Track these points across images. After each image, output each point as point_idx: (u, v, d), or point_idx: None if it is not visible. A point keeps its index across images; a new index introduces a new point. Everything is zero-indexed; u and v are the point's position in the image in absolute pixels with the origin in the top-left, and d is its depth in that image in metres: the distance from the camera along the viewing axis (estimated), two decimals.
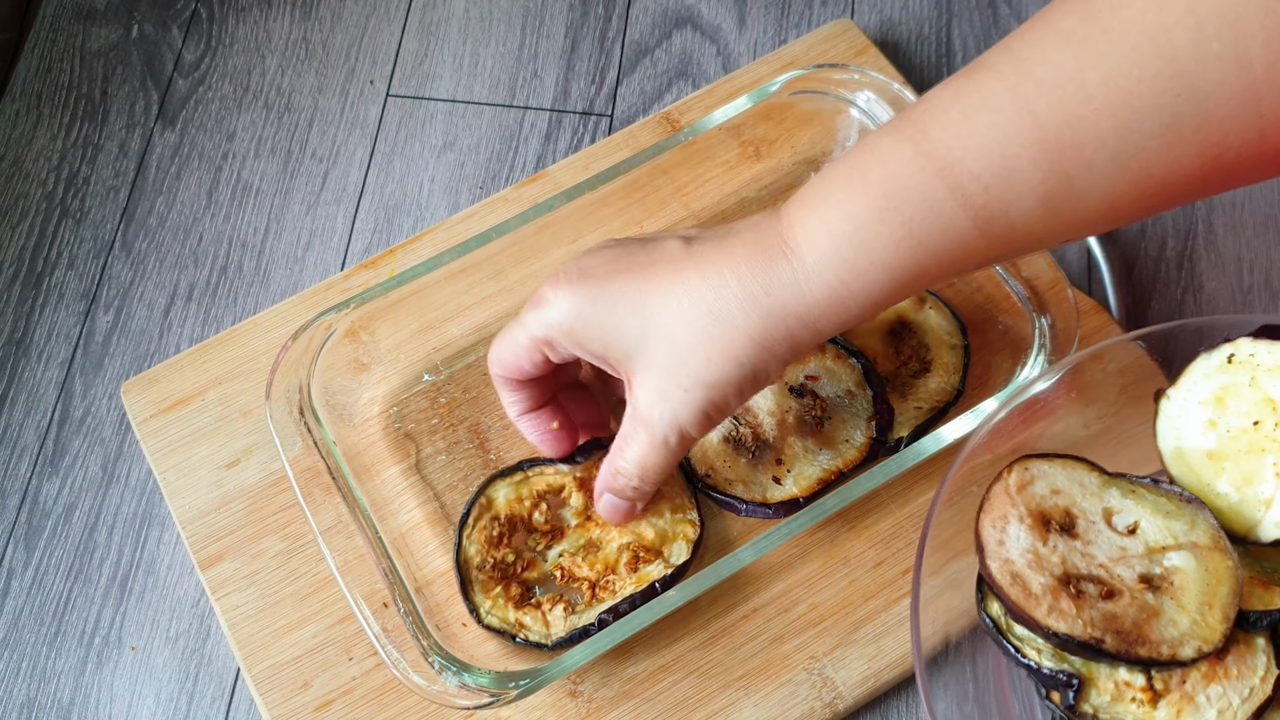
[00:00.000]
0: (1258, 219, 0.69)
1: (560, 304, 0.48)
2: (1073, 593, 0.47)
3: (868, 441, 0.57)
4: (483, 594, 0.55)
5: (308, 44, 0.78)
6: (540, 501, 0.57)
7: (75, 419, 0.66)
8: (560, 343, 0.49)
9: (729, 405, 0.47)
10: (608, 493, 0.53)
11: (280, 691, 0.56)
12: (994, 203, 0.41)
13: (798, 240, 0.44)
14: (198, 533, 0.59)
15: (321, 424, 0.56)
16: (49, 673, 0.60)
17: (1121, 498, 0.50)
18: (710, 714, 0.55)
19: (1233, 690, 0.47)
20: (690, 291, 0.46)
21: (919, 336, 0.60)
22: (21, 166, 0.74)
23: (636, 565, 0.55)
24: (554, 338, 0.49)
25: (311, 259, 0.71)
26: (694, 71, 0.76)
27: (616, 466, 0.51)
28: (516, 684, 0.49)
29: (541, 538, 0.56)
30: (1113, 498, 0.50)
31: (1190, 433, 0.50)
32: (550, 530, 0.56)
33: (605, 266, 0.48)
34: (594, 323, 0.48)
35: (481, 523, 0.56)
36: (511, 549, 0.56)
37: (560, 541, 0.56)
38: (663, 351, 0.46)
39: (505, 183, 0.73)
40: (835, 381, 0.58)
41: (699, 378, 0.46)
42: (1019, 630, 0.49)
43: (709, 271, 0.46)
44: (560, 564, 0.56)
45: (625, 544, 0.55)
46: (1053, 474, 0.50)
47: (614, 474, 0.51)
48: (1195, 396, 0.51)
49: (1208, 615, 0.46)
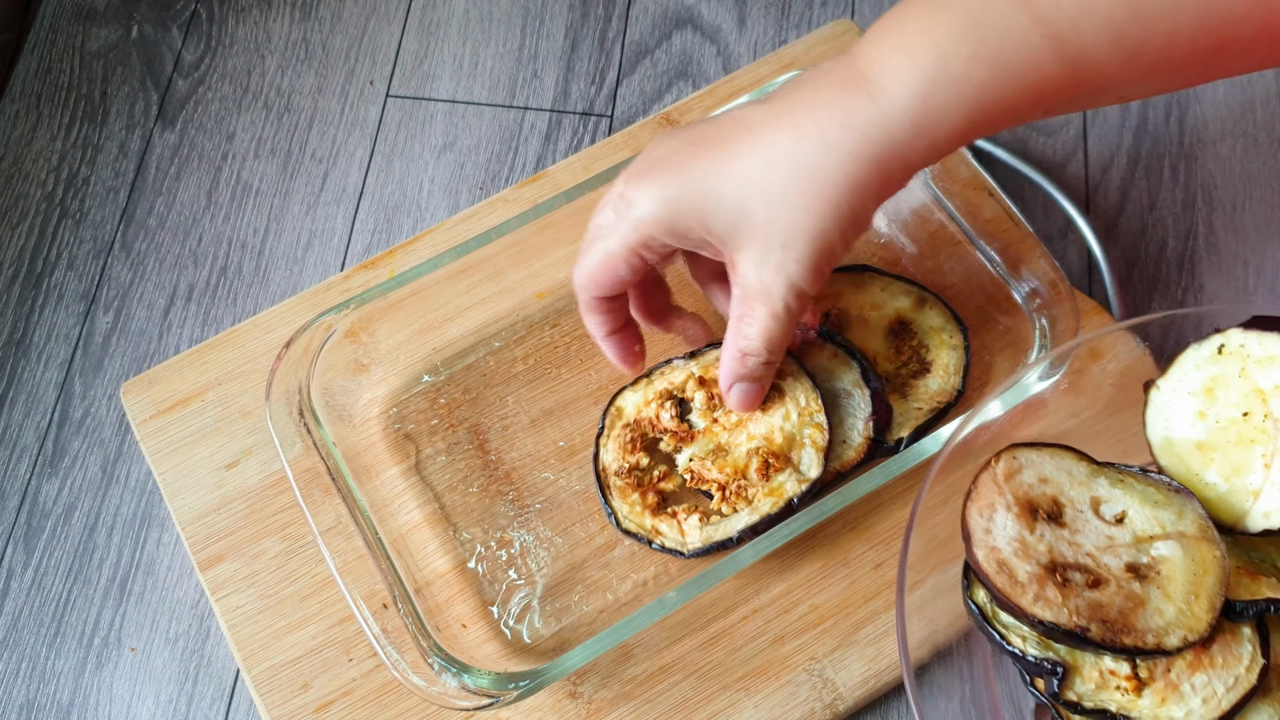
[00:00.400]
0: (1258, 219, 0.69)
1: (648, 199, 0.47)
2: (1059, 581, 0.47)
3: (865, 441, 0.57)
4: (620, 499, 0.56)
5: (307, 44, 0.78)
6: (666, 400, 0.58)
7: (75, 420, 0.66)
8: (657, 238, 0.48)
9: (836, 253, 0.47)
10: (737, 382, 0.52)
11: (280, 692, 0.56)
12: (1067, 24, 0.42)
13: (877, 72, 0.44)
14: (197, 533, 0.59)
15: (321, 425, 0.56)
16: (48, 674, 0.60)
17: (1110, 487, 0.50)
18: (710, 715, 0.55)
19: (1217, 679, 0.47)
20: (774, 149, 0.45)
21: (919, 337, 0.60)
22: (21, 167, 0.74)
23: (768, 472, 0.55)
24: (650, 234, 0.48)
25: (311, 260, 0.71)
26: (694, 72, 0.76)
27: (740, 348, 0.50)
28: (516, 685, 0.49)
29: (672, 438, 0.57)
30: (1101, 487, 0.50)
31: (1179, 423, 0.51)
32: (679, 435, 0.57)
33: (681, 151, 0.47)
34: (687, 208, 0.46)
35: (615, 430, 0.58)
36: (645, 452, 0.57)
37: (690, 445, 0.57)
38: (760, 218, 0.45)
39: (505, 183, 0.73)
40: (833, 380, 0.58)
41: (801, 233, 0.45)
42: (1004, 618, 0.49)
43: (788, 125, 0.45)
44: (690, 467, 0.57)
45: (754, 449, 0.56)
46: (1040, 463, 0.50)
47: (740, 357, 0.50)
48: (1185, 387, 0.51)
49: (1194, 605, 0.46)
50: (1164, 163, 0.71)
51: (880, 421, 0.57)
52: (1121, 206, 0.70)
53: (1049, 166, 0.71)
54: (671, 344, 0.62)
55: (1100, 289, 0.67)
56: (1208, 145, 0.71)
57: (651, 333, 0.58)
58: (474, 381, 0.62)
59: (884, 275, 0.61)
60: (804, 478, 0.55)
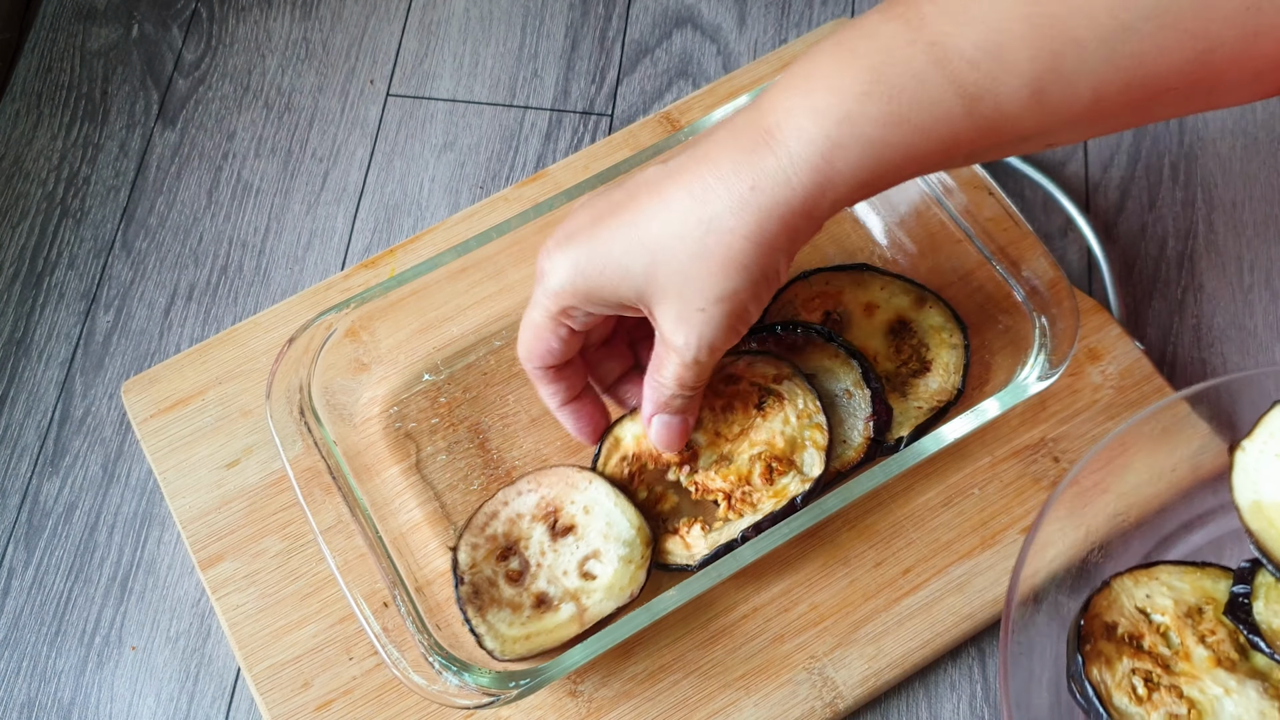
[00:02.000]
0: (1258, 218, 0.69)
1: (559, 269, 0.48)
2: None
3: (865, 441, 0.57)
4: None
5: (308, 44, 0.78)
6: None
7: (75, 419, 0.66)
8: (575, 305, 0.49)
9: (749, 312, 0.47)
10: (658, 415, 0.53)
11: (280, 691, 0.56)
12: (983, 81, 0.41)
13: (780, 125, 0.43)
14: (198, 532, 0.59)
15: (322, 424, 0.56)
16: (49, 672, 0.60)
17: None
18: (710, 714, 0.55)
19: None
20: (678, 209, 0.45)
21: (919, 336, 0.60)
22: (22, 166, 0.74)
23: (771, 476, 0.55)
24: (567, 303, 0.49)
25: (311, 259, 0.71)
26: (694, 71, 0.76)
27: (657, 381, 0.51)
28: (516, 683, 0.49)
29: (678, 469, 0.57)
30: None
31: (1270, 486, 0.49)
32: (682, 458, 0.57)
33: (589, 219, 0.48)
34: (596, 274, 0.47)
35: (612, 461, 0.57)
36: (644, 485, 0.57)
37: (695, 464, 0.57)
38: (671, 279, 0.45)
39: (505, 182, 0.73)
40: (833, 380, 0.58)
41: (711, 295, 0.45)
42: (1119, 703, 0.49)
43: (693, 184, 0.44)
44: (695, 480, 0.57)
45: (756, 454, 0.56)
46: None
47: (658, 388, 0.51)
48: (1273, 449, 0.49)
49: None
50: (1164, 162, 0.71)
51: (880, 422, 0.57)
52: (1121, 205, 0.70)
53: (1049, 165, 0.71)
54: None
55: (1100, 288, 0.67)
56: (1207, 144, 0.71)
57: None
58: (474, 380, 0.62)
59: (884, 274, 0.61)
60: (807, 477, 0.55)
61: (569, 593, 0.54)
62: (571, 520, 0.55)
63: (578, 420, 0.56)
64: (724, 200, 0.44)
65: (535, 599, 0.54)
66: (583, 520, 0.55)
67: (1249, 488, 0.50)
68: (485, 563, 0.55)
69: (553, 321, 0.50)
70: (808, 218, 0.44)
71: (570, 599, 0.54)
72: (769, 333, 0.59)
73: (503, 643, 0.53)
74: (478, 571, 0.55)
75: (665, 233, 0.45)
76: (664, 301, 0.46)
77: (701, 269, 0.45)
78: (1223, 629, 0.51)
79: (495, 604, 0.54)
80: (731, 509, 0.55)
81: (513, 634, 0.53)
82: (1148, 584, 0.53)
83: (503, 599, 0.54)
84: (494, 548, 0.55)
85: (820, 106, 0.42)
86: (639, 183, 0.47)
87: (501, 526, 0.56)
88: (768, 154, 0.43)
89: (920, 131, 0.42)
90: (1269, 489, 0.49)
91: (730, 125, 0.45)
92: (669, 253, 0.45)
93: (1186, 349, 0.66)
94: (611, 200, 0.48)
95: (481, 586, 0.54)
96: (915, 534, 0.58)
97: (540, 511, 0.56)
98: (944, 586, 0.57)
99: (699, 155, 0.45)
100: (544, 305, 0.49)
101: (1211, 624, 0.51)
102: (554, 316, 0.50)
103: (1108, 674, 0.50)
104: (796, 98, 0.43)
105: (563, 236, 0.48)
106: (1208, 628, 0.51)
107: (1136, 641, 0.51)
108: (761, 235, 0.44)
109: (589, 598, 0.54)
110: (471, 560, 0.55)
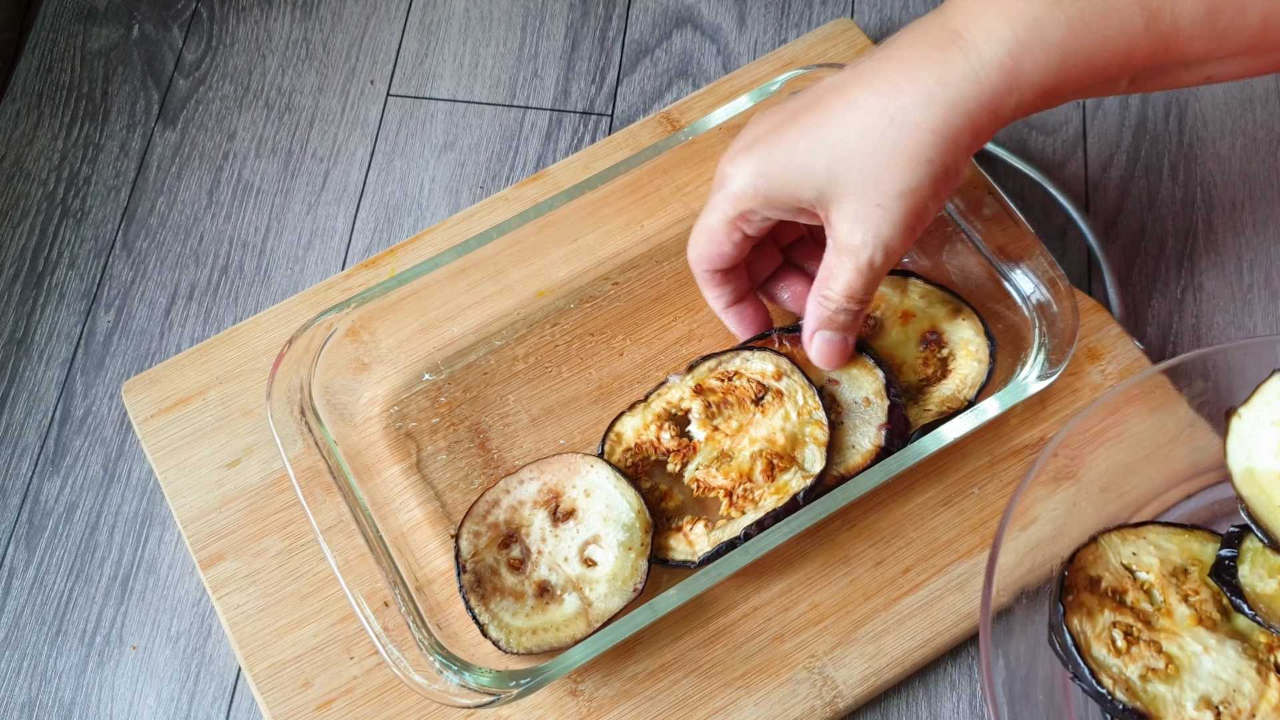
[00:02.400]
0: (1257, 218, 0.69)
1: (742, 172, 0.48)
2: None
3: (875, 449, 0.56)
4: None
5: (308, 44, 0.78)
6: (665, 421, 0.58)
7: (76, 418, 0.66)
8: (754, 209, 0.49)
9: (928, 210, 0.47)
10: (820, 331, 0.53)
11: (281, 691, 0.56)
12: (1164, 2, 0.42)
13: (969, 28, 0.44)
14: (199, 532, 0.59)
15: (322, 423, 0.56)
16: (50, 672, 0.60)
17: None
18: (711, 713, 0.55)
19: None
20: (865, 107, 0.45)
21: (949, 348, 0.60)
22: (22, 166, 0.74)
23: (773, 473, 0.55)
24: (747, 206, 0.49)
25: (312, 259, 0.71)
26: (694, 71, 0.76)
27: (824, 294, 0.51)
28: (517, 683, 0.49)
29: (676, 458, 0.57)
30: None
31: (1263, 453, 0.50)
32: (682, 451, 0.57)
33: (777, 126, 0.48)
34: (778, 175, 0.47)
35: (615, 456, 0.58)
36: (648, 478, 0.57)
37: (694, 457, 0.57)
38: (852, 175, 0.46)
39: (506, 182, 0.73)
40: (855, 387, 0.58)
41: (893, 189, 0.46)
42: (1097, 653, 0.49)
43: (879, 83, 0.45)
44: (696, 476, 0.57)
45: (757, 451, 0.56)
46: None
47: (823, 302, 0.51)
48: (1269, 417, 0.50)
49: None
50: (1163, 161, 0.71)
51: (893, 433, 0.56)
52: (1121, 205, 0.70)
53: (1049, 165, 0.71)
54: (667, 364, 0.62)
55: (1100, 287, 0.67)
56: (1207, 144, 0.71)
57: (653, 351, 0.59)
58: (475, 380, 0.62)
59: (927, 283, 0.61)
60: (808, 473, 0.55)
61: (570, 581, 0.54)
62: (572, 504, 0.56)
63: (741, 320, 0.57)
64: (911, 95, 0.44)
65: (537, 587, 0.54)
66: (583, 504, 0.55)
67: (1243, 454, 0.50)
68: (487, 550, 0.55)
69: (729, 225, 0.50)
70: (992, 115, 0.45)
71: (573, 589, 0.54)
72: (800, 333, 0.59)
73: (508, 633, 0.53)
74: (480, 560, 0.55)
75: (850, 130, 0.46)
76: (844, 199, 0.47)
77: (885, 162, 0.45)
78: (1206, 590, 0.51)
79: (498, 592, 0.54)
80: (734, 506, 0.55)
81: (518, 625, 0.53)
82: (1135, 542, 0.53)
83: (505, 587, 0.54)
84: (495, 535, 0.55)
85: (1011, 12, 0.44)
86: (824, 87, 0.48)
87: (503, 514, 0.56)
88: (956, 52, 0.44)
89: (1104, 41, 0.43)
90: (1262, 456, 0.50)
91: (915, 28, 0.46)
92: (852, 149, 0.45)
93: (1186, 348, 0.66)
94: (795, 106, 0.48)
95: (484, 575, 0.54)
96: (915, 533, 0.58)
97: (541, 498, 0.56)
98: (944, 585, 0.57)
99: (885, 55, 0.46)
100: (723, 209, 0.50)
101: (1195, 584, 0.52)
102: (732, 220, 0.50)
103: (1088, 625, 0.50)
104: (987, 3, 0.45)
105: (744, 144, 0.49)
106: (1191, 588, 0.51)
107: (1119, 596, 0.51)
108: (947, 129, 0.45)
109: (592, 590, 0.54)
110: (473, 548, 0.55)
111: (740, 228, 0.50)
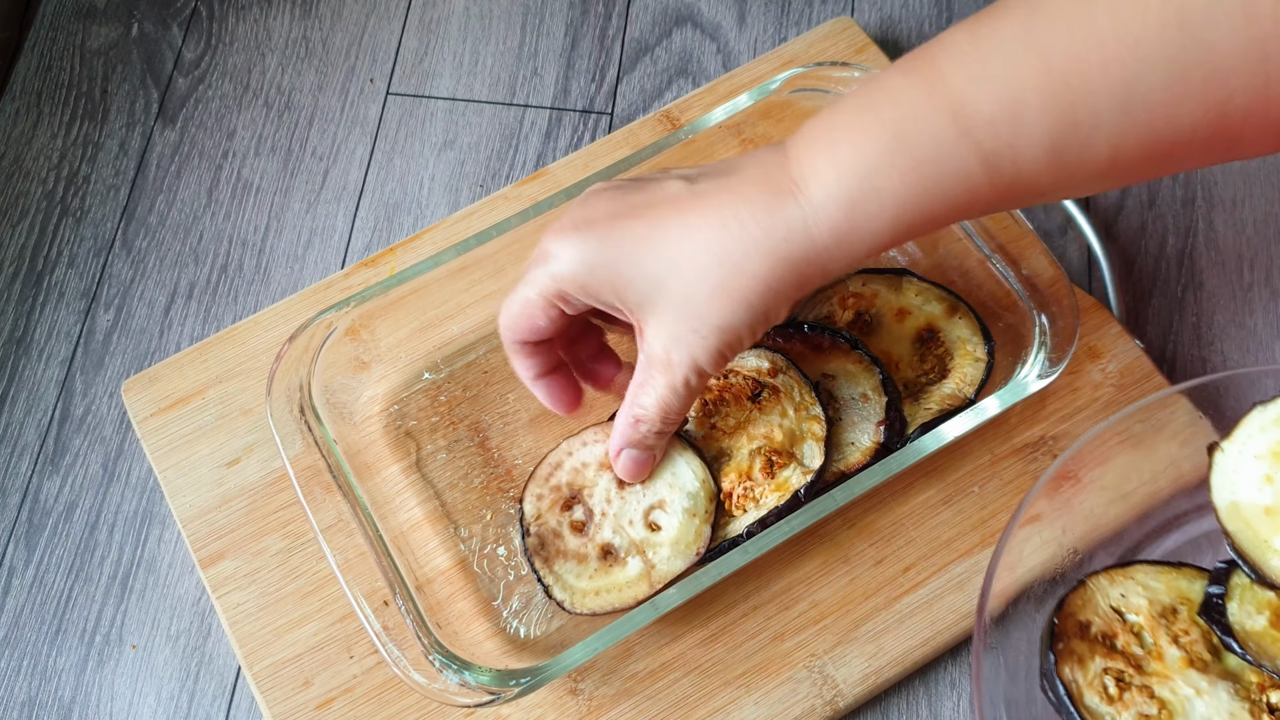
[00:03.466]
0: (1258, 216, 0.69)
1: (567, 255, 0.48)
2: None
3: (874, 446, 0.56)
4: None
5: (308, 42, 0.78)
6: None
7: (76, 417, 0.66)
8: (573, 295, 0.49)
9: (741, 344, 0.48)
10: (627, 448, 0.53)
11: (281, 690, 0.56)
12: (1002, 148, 0.41)
13: (805, 178, 0.44)
14: (198, 531, 0.59)
15: (322, 422, 0.56)
16: (50, 671, 0.60)
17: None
18: (711, 712, 0.55)
19: None
20: (699, 235, 0.45)
21: (946, 346, 0.60)
22: (22, 165, 0.74)
23: (772, 470, 0.55)
24: (566, 290, 0.49)
25: (312, 257, 0.71)
26: (694, 69, 0.76)
27: (635, 414, 0.51)
28: (517, 682, 0.49)
29: None
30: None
31: (1246, 487, 0.49)
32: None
33: (606, 213, 0.48)
34: (604, 270, 0.47)
35: None
36: None
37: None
38: (676, 297, 0.46)
39: (505, 181, 0.73)
40: (852, 384, 0.58)
41: (713, 322, 0.46)
42: (1089, 702, 0.50)
43: (714, 215, 0.45)
44: None
45: (756, 449, 0.56)
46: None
47: (633, 422, 0.51)
48: (1251, 450, 0.49)
49: None
50: None
51: (891, 429, 0.56)
52: (1121, 204, 0.70)
53: None
54: None
55: (1100, 286, 0.67)
56: None
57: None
58: (474, 379, 0.62)
59: (922, 281, 0.61)
60: (808, 469, 0.55)
61: (634, 544, 0.54)
62: None
63: (551, 392, 0.56)
64: (744, 239, 0.45)
65: (601, 550, 0.54)
66: None
67: (1227, 489, 0.50)
68: (550, 513, 0.55)
69: (545, 302, 0.50)
70: (821, 270, 0.45)
71: (636, 552, 0.54)
72: (796, 330, 0.59)
73: (572, 594, 0.53)
74: (543, 523, 0.55)
75: (682, 253, 0.46)
76: (663, 316, 0.47)
77: (708, 295, 0.46)
78: (1196, 629, 0.51)
79: (561, 555, 0.54)
80: (736, 505, 0.55)
81: (582, 586, 0.54)
82: (1123, 583, 0.53)
83: (568, 550, 0.54)
84: (558, 498, 0.56)
85: (844, 169, 0.43)
86: (663, 195, 0.48)
87: (565, 476, 0.56)
88: (792, 203, 0.44)
89: (941, 196, 0.43)
90: (1246, 490, 0.49)
91: (760, 164, 0.46)
92: (680, 273, 0.46)
93: (1186, 347, 0.66)
94: (631, 202, 0.48)
95: (547, 538, 0.55)
96: (915, 532, 0.58)
97: (607, 460, 0.56)
98: (944, 584, 0.57)
99: (728, 188, 0.46)
100: (541, 285, 0.49)
101: (1185, 624, 0.51)
102: (549, 298, 0.50)
103: (1080, 673, 0.50)
104: (820, 150, 0.44)
105: (577, 222, 0.48)
106: (1181, 628, 0.51)
107: (1110, 641, 0.51)
108: (772, 279, 0.45)
109: (655, 553, 0.54)
110: (537, 511, 0.55)
111: (558, 306, 0.50)
